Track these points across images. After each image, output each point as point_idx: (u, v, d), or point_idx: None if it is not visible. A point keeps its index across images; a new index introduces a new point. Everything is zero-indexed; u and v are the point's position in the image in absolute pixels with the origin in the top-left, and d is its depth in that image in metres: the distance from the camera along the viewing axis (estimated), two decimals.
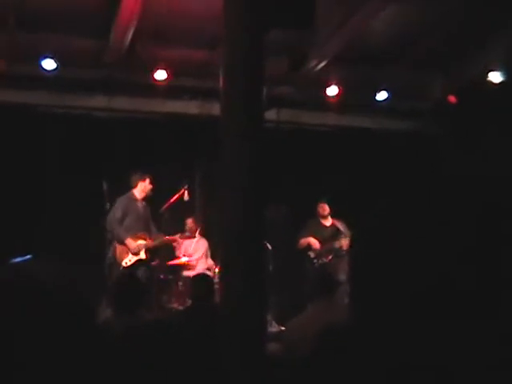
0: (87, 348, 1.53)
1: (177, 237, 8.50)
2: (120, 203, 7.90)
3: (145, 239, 7.97)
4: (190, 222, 8.98)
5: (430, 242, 0.98)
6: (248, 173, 4.18)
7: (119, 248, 7.78)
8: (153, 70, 8.84)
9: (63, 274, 1.63)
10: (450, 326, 0.95)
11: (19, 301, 1.48)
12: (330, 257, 8.44)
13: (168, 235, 8.37)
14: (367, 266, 1.08)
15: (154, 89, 9.10)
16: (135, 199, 8.05)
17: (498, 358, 0.93)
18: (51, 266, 1.66)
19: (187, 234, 8.87)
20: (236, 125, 4.22)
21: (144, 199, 8.14)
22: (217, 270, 8.01)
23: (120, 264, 7.73)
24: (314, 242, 8.53)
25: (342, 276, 7.60)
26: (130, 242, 7.77)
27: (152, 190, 8.15)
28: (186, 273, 8.59)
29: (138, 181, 8.06)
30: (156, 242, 8.17)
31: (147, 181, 8.08)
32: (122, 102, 9.40)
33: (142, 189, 8.07)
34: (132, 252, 7.79)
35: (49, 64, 8.45)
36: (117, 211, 7.82)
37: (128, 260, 7.77)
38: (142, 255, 7.89)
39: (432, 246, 0.98)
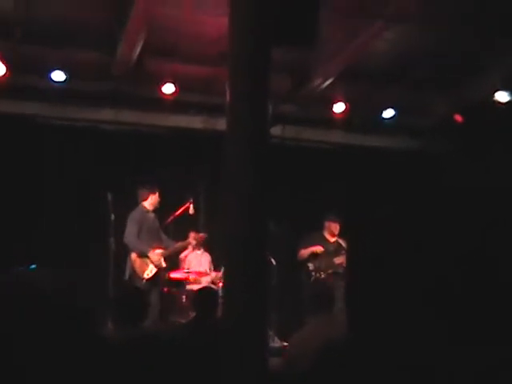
0: (87, 358, 1.55)
1: (190, 240, 8.71)
2: (134, 217, 8.05)
3: (161, 248, 8.14)
4: (192, 235, 9.02)
5: (430, 261, 1.00)
6: (252, 187, 4.20)
7: (138, 261, 7.91)
8: (159, 84, 8.91)
9: (65, 284, 1.66)
10: (450, 339, 0.96)
11: (20, 308, 1.50)
12: (329, 272, 8.40)
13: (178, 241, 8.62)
14: (366, 282, 1.09)
15: (160, 103, 9.17)
16: (147, 211, 8.20)
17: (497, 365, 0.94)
18: (53, 275, 1.68)
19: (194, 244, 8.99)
20: (241, 139, 4.25)
21: (153, 211, 8.29)
22: (221, 284, 8.02)
23: (141, 276, 7.87)
24: (318, 248, 8.50)
25: (341, 292, 7.55)
26: (152, 254, 7.94)
27: (159, 202, 8.31)
28: (189, 286, 8.61)
29: (149, 194, 8.22)
30: (172, 249, 8.42)
31: (157, 194, 8.25)
32: (129, 116, 9.47)
33: (151, 202, 8.24)
34: (155, 264, 7.93)
35: (58, 76, 8.51)
36: (133, 226, 7.96)
37: (149, 271, 7.93)
38: (163, 264, 8.10)
39: (432, 264, 0.99)
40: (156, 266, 7.95)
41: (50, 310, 1.54)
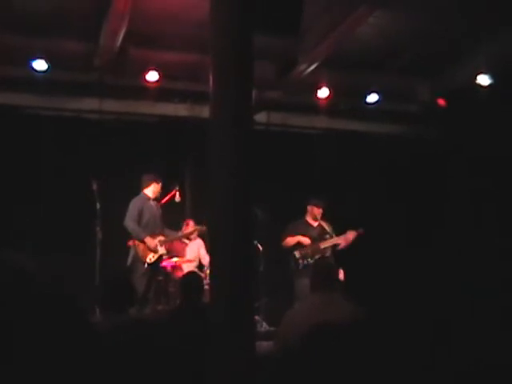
0: (74, 345, 1.57)
1: (192, 230, 8.97)
2: (135, 203, 8.11)
3: (163, 235, 8.24)
4: (191, 223, 9.11)
5: (420, 243, 1.03)
6: (237, 175, 4.22)
7: (141, 246, 7.99)
8: (143, 73, 8.87)
9: (52, 272, 1.67)
10: (446, 323, 0.99)
11: (6, 294, 1.51)
12: (316, 257, 8.37)
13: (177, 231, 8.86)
14: (357, 267, 1.13)
15: (145, 91, 9.14)
16: (148, 198, 8.25)
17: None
18: (40, 263, 1.69)
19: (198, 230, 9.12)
20: (225, 126, 4.25)
21: (155, 199, 8.34)
22: (208, 271, 8.06)
23: (144, 261, 7.95)
24: (305, 239, 8.49)
25: None
26: (148, 240, 8.00)
27: (160, 192, 8.38)
28: (176, 274, 8.67)
29: (152, 182, 8.27)
30: (172, 238, 8.58)
31: (160, 184, 8.31)
32: (113, 105, 9.44)
33: (153, 190, 8.29)
34: (151, 249, 8.00)
35: (40, 65, 8.43)
36: (133, 211, 8.02)
37: (152, 256, 8.00)
38: (163, 250, 8.16)
39: (422, 246, 1.03)
40: (152, 251, 7.99)
41: (38, 298, 1.56)
